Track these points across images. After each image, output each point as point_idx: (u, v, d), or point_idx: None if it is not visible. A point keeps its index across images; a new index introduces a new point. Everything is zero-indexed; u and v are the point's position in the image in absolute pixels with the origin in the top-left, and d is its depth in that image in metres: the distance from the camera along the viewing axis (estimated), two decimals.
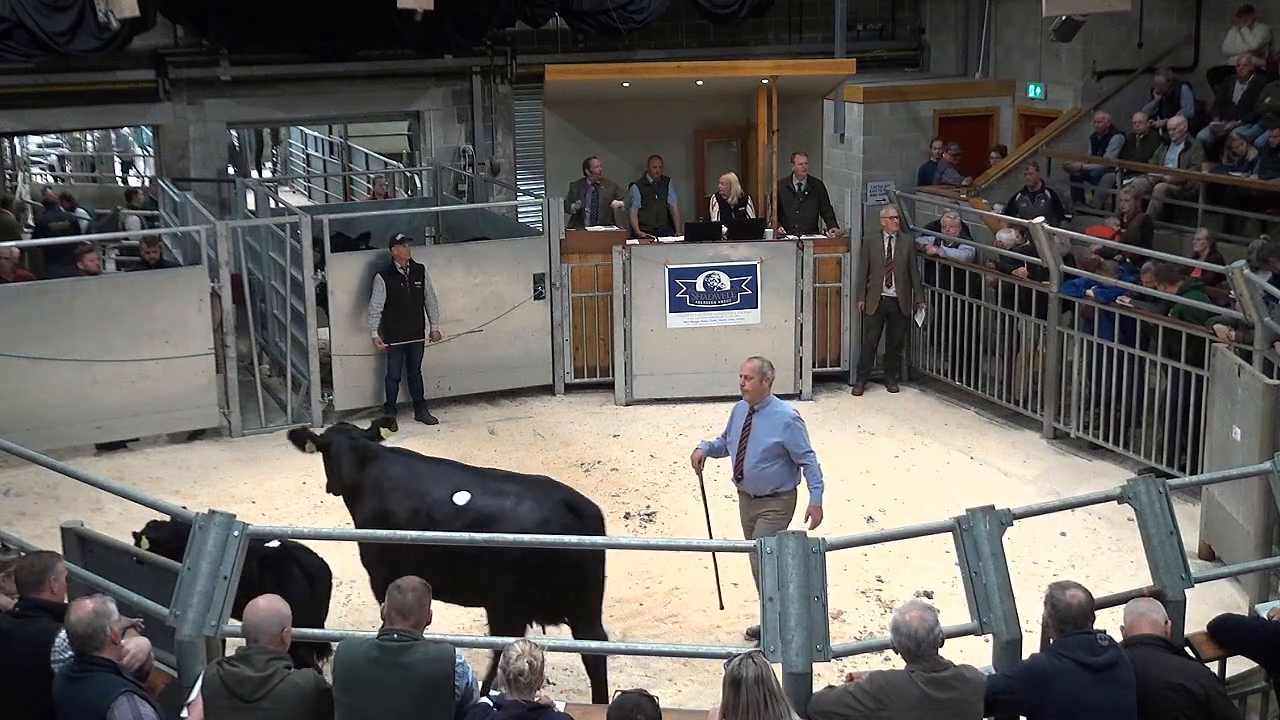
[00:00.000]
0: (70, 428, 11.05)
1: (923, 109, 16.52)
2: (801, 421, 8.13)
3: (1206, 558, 9.13)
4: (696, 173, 14.42)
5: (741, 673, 4.58)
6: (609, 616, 8.59)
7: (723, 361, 12.69)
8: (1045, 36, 15.31)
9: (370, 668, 4.93)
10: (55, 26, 13.40)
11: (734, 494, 10.56)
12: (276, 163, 26.53)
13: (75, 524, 6.42)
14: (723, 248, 12.66)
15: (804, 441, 8.08)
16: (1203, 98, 14.80)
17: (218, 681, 4.91)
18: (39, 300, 11.16)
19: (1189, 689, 4.99)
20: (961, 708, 4.85)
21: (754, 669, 4.58)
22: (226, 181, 16.22)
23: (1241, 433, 8.87)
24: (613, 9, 15.43)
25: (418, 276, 12.01)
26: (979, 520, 5.43)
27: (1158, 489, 5.77)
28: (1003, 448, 11.51)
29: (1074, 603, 5.05)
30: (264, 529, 7.99)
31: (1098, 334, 10.97)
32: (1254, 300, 9.22)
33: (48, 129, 19.40)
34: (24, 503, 10.32)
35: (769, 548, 5.23)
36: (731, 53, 16.74)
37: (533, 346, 12.79)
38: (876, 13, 18.37)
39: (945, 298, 12.73)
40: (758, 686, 4.55)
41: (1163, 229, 13.17)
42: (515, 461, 11.33)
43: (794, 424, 8.05)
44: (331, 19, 14.75)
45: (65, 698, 4.93)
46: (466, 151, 16.93)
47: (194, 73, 15.67)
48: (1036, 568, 8.92)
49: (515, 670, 4.78)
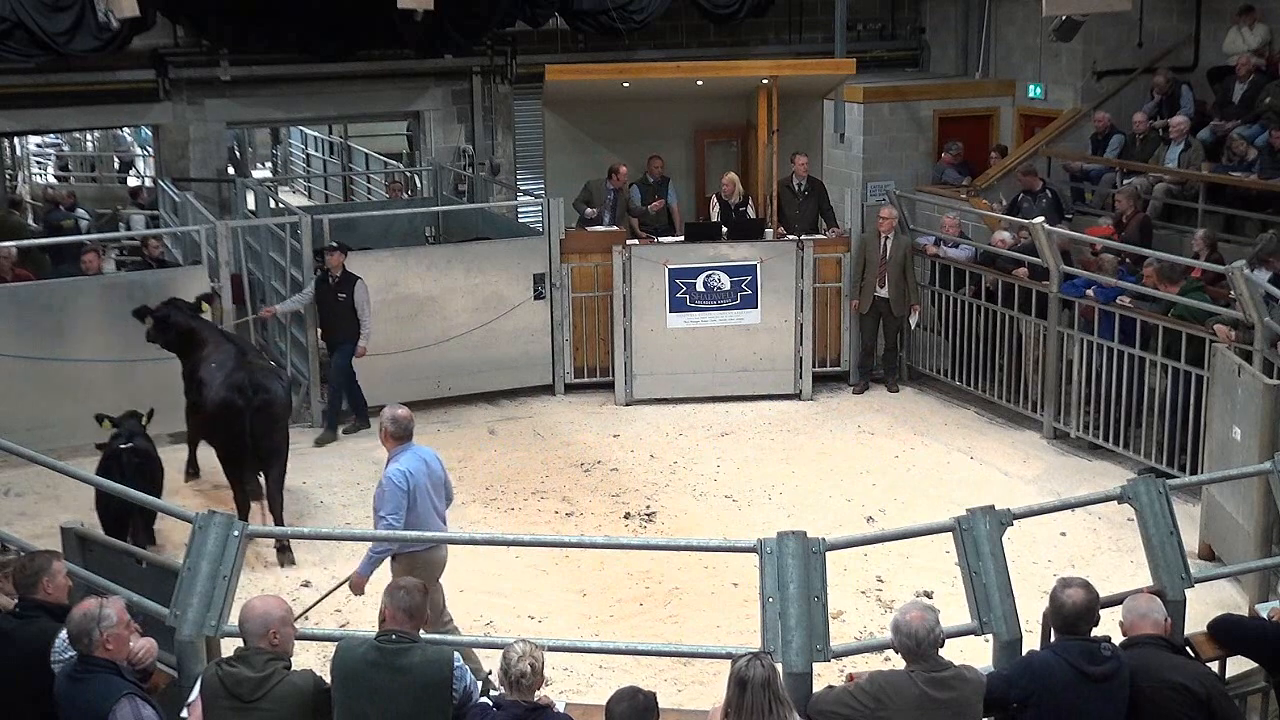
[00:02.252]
0: (70, 428, 11.04)
1: (923, 109, 16.53)
2: (390, 481, 7.16)
3: (1206, 558, 9.13)
4: (696, 173, 14.42)
5: (749, 673, 4.57)
6: (609, 616, 8.64)
7: (723, 361, 12.73)
8: (1045, 36, 15.32)
9: (369, 670, 4.92)
10: (55, 26, 13.41)
11: (734, 493, 10.63)
12: (276, 162, 26.55)
13: (75, 524, 6.42)
14: (723, 248, 12.66)
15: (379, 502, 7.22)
16: (1203, 98, 14.80)
17: (216, 682, 4.91)
18: (39, 300, 11.17)
19: (1190, 689, 4.99)
20: (961, 708, 4.85)
21: (762, 671, 4.57)
22: (226, 181, 16.23)
23: (1241, 433, 8.87)
24: (613, 9, 15.44)
25: (345, 288, 11.60)
26: (979, 520, 5.43)
27: (1158, 489, 5.77)
28: (1003, 448, 11.51)
29: (1069, 603, 5.05)
30: (264, 529, 8.05)
31: (1098, 334, 10.97)
32: (1254, 300, 9.22)
33: (48, 129, 19.39)
34: (24, 503, 10.33)
35: (769, 548, 5.23)
36: (731, 53, 16.74)
37: (533, 346, 12.79)
38: (876, 13, 18.38)
39: (945, 298, 12.73)
40: (764, 689, 4.55)
41: (1163, 229, 13.18)
42: (515, 461, 11.37)
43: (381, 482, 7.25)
44: (331, 19, 14.76)
45: (66, 698, 4.93)
46: (466, 151, 16.94)
47: (194, 73, 15.69)
48: (1036, 568, 8.92)
49: (518, 672, 4.78)
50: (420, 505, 7.20)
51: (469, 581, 8.99)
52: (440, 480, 7.40)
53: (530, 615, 8.64)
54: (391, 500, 7.10)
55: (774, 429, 12.07)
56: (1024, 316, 11.77)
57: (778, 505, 10.36)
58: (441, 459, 7.51)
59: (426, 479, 7.26)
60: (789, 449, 11.58)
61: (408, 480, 7.14)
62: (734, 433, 12.01)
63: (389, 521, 7.07)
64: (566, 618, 8.57)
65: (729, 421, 12.26)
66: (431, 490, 7.29)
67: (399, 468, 7.18)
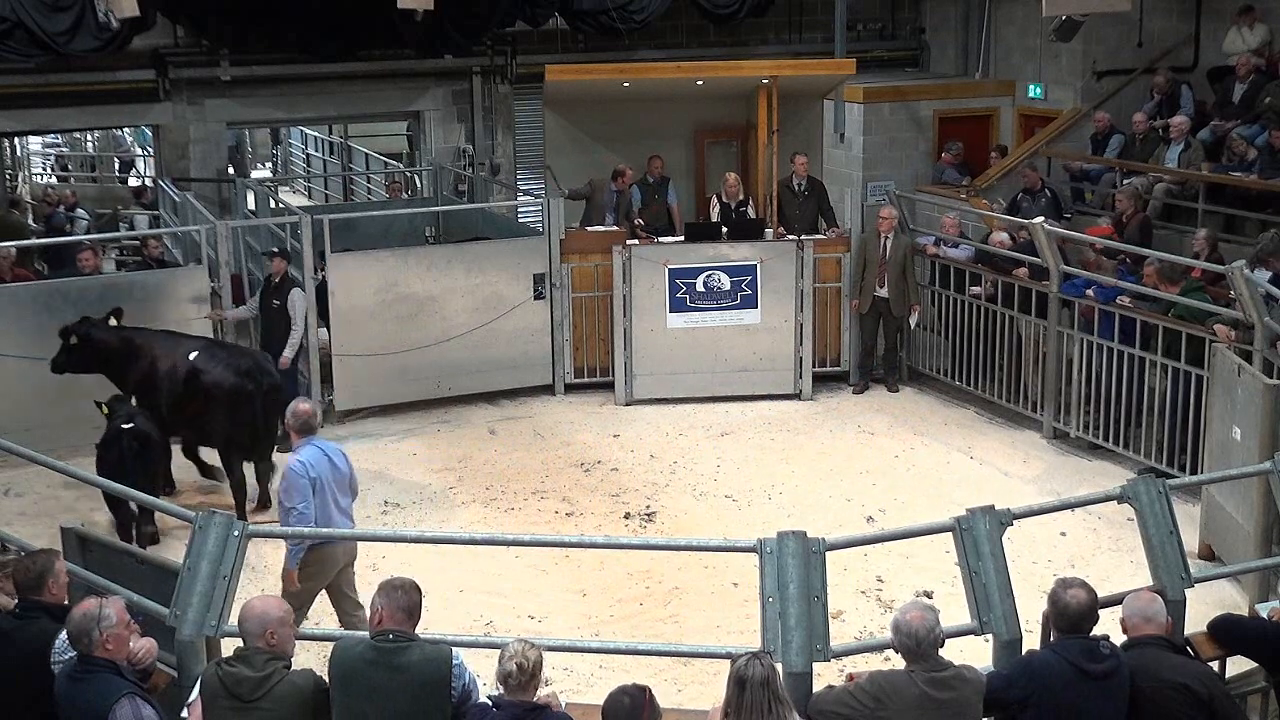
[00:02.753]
0: (70, 428, 11.04)
1: (923, 109, 16.52)
2: (292, 473, 7.36)
3: (1206, 558, 9.13)
4: (696, 173, 14.42)
5: (748, 673, 4.57)
6: (609, 616, 8.64)
7: (723, 361, 12.73)
8: (1045, 36, 15.30)
9: (367, 669, 4.92)
10: (55, 26, 13.40)
11: (734, 493, 10.64)
12: (276, 162, 26.55)
13: (75, 524, 6.42)
14: (723, 248, 12.66)
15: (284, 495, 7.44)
16: (1203, 98, 14.80)
17: (216, 681, 4.91)
18: (39, 300, 11.17)
19: (1193, 689, 4.99)
20: (961, 708, 4.85)
21: (761, 671, 4.57)
22: (226, 181, 16.22)
23: (1241, 433, 8.86)
24: (613, 9, 15.43)
25: (279, 294, 11.46)
26: (979, 520, 5.43)
27: (1158, 489, 5.77)
28: (1003, 448, 11.51)
29: (1073, 603, 5.05)
30: (264, 528, 8.04)
31: (1098, 334, 10.97)
32: (1254, 300, 9.22)
33: (48, 129, 19.40)
34: (24, 503, 10.33)
35: (769, 548, 5.23)
36: (731, 53, 16.73)
37: (533, 346, 12.78)
38: (876, 13, 18.38)
39: (945, 298, 12.73)
40: (763, 689, 4.54)
41: (1163, 229, 13.17)
42: (515, 461, 11.37)
43: (285, 475, 7.47)
44: (331, 19, 14.75)
45: (67, 698, 4.93)
46: (466, 151, 16.94)
47: (194, 73, 15.68)
48: (1036, 568, 8.92)
49: (503, 672, 4.78)
50: (319, 497, 7.38)
51: (469, 581, 9.00)
52: (344, 476, 7.59)
53: (530, 615, 8.64)
54: (297, 491, 7.31)
55: (774, 429, 12.08)
56: (1024, 316, 11.77)
57: (778, 505, 10.36)
58: (347, 455, 7.72)
59: (328, 471, 7.44)
60: (789, 449, 11.58)
61: (307, 470, 7.34)
62: (734, 433, 12.01)
63: (299, 511, 7.30)
64: (566, 618, 8.57)
65: (729, 421, 12.26)
66: (333, 483, 7.47)
67: (298, 458, 7.40)
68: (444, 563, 9.24)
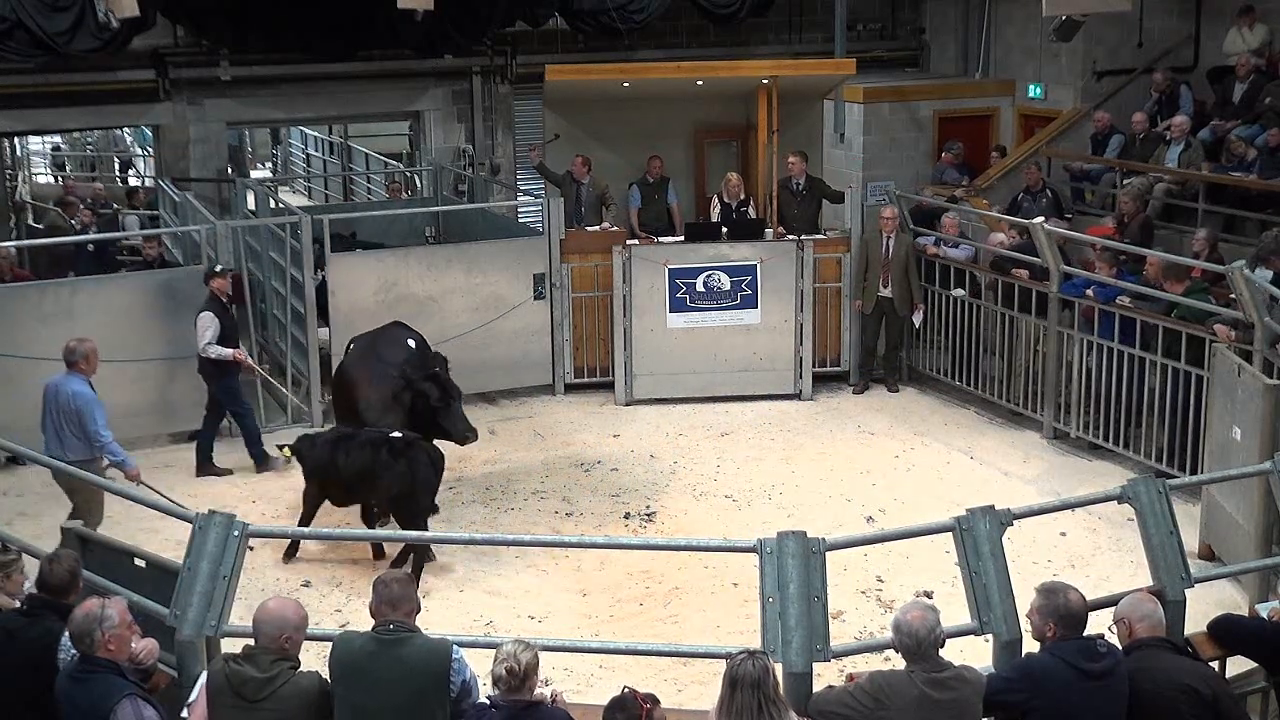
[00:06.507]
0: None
1: (923, 109, 16.53)
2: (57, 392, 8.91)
3: (1206, 558, 9.13)
4: (696, 173, 14.42)
5: (739, 673, 4.57)
6: (609, 616, 8.63)
7: (723, 361, 12.73)
8: (1045, 36, 15.31)
9: (367, 661, 4.93)
10: (55, 26, 13.36)
11: (734, 493, 10.64)
12: (276, 162, 26.54)
13: (75, 524, 6.42)
14: (723, 248, 12.66)
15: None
16: (1202, 98, 14.81)
17: (222, 679, 4.92)
18: (39, 300, 11.17)
19: (1197, 690, 4.98)
20: (961, 708, 4.85)
21: (753, 671, 4.56)
22: (226, 181, 16.22)
23: (1241, 433, 8.87)
24: (613, 9, 15.39)
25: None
26: (979, 520, 5.43)
27: (1158, 489, 5.77)
28: (1003, 448, 11.51)
29: (1074, 604, 5.04)
30: (265, 528, 8.04)
31: (1098, 334, 10.97)
32: (1254, 300, 9.22)
33: (48, 129, 19.39)
34: (24, 503, 10.33)
35: (769, 548, 5.23)
36: (731, 53, 16.73)
37: (533, 346, 12.78)
38: (876, 13, 18.38)
39: (945, 298, 12.73)
40: (753, 690, 4.53)
41: (1163, 229, 13.18)
42: (515, 461, 11.37)
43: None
44: (331, 19, 14.72)
45: (68, 698, 4.93)
46: (466, 151, 16.94)
47: (194, 73, 15.68)
48: (1036, 568, 8.91)
49: (495, 675, 4.79)
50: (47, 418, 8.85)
51: (469, 581, 9.01)
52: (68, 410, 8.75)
53: (530, 615, 8.64)
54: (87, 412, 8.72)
55: (774, 429, 12.08)
56: (1024, 316, 11.77)
57: (778, 505, 10.36)
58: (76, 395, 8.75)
59: (54, 398, 8.81)
60: (789, 449, 11.59)
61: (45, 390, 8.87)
62: (734, 433, 12.01)
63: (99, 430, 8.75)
64: (566, 618, 8.57)
65: (729, 421, 12.26)
66: (58, 410, 8.79)
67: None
68: (444, 563, 9.26)
